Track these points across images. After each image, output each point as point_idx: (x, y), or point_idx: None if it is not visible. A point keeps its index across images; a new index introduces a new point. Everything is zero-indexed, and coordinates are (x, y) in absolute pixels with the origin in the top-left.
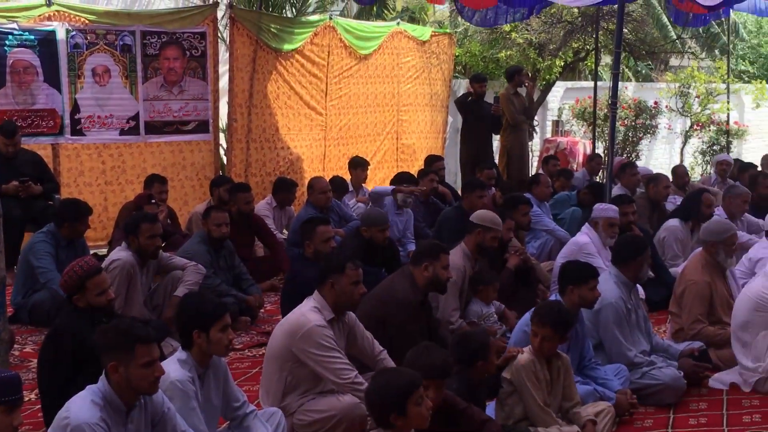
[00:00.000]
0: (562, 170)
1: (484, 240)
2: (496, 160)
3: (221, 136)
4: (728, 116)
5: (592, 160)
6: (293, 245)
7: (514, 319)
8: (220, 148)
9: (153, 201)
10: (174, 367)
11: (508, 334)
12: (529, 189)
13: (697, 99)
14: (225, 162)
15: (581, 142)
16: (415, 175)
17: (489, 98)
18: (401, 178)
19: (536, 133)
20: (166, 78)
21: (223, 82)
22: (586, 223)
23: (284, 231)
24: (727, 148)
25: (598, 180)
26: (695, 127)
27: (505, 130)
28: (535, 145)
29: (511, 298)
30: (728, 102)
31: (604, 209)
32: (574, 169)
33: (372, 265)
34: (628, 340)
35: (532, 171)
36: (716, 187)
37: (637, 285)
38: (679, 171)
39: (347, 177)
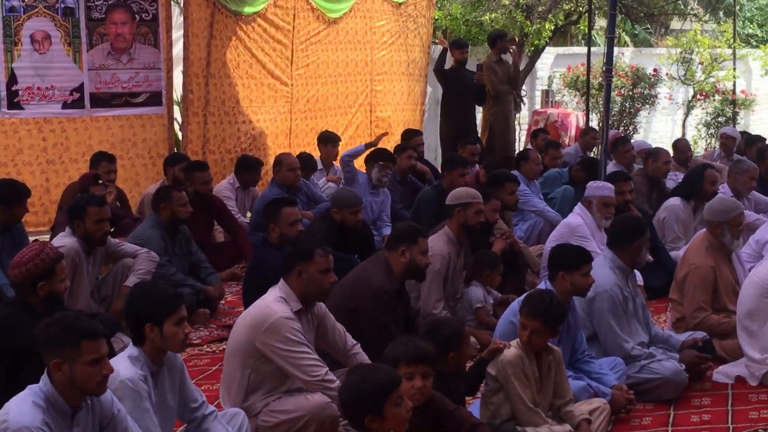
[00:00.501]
0: (550, 142)
1: (467, 219)
2: (480, 134)
3: (176, 109)
4: (734, 85)
5: (585, 134)
6: (256, 229)
7: None
8: (175, 123)
9: (100, 182)
10: (124, 364)
11: None
12: (517, 166)
13: (700, 66)
14: (180, 138)
15: (573, 114)
16: (391, 152)
17: (472, 66)
18: (376, 155)
19: (524, 104)
20: (114, 45)
21: (177, 50)
22: (579, 203)
23: (247, 214)
24: (733, 119)
25: (592, 156)
26: (698, 96)
27: (487, 101)
28: (523, 117)
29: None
30: (734, 69)
31: (599, 187)
32: (566, 143)
33: (343, 251)
34: (624, 330)
35: (520, 146)
36: (721, 163)
37: (635, 270)
38: (681, 145)
39: (315, 154)
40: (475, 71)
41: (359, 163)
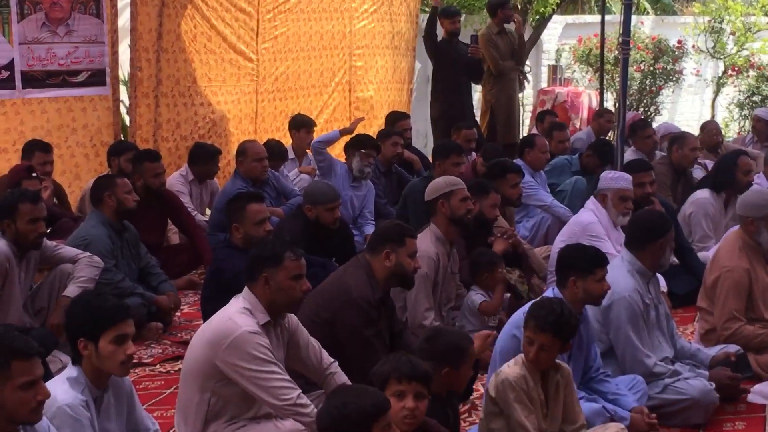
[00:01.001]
0: (554, 124)
1: (452, 210)
2: (478, 118)
3: (122, 89)
4: None
5: (599, 116)
6: (217, 229)
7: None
8: (121, 106)
9: (34, 175)
10: (62, 388)
11: None
12: (520, 154)
13: (731, 36)
14: (127, 123)
15: (585, 93)
16: (375, 138)
17: (467, 38)
18: (357, 142)
19: (528, 82)
20: (49, 15)
21: (124, 20)
22: (591, 197)
23: (206, 212)
24: None
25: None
26: (730, 72)
27: (487, 79)
28: (527, 97)
29: None
30: None
31: (614, 178)
32: (577, 127)
33: (319, 254)
34: (645, 344)
35: (524, 131)
36: (754, 149)
37: (657, 275)
38: (710, 128)
39: (286, 141)
40: (470, 43)
41: (337, 152)
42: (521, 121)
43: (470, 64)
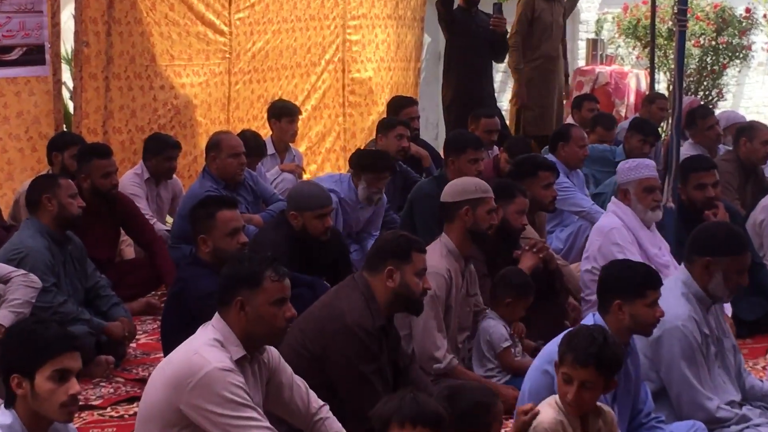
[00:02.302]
0: (600, 115)
1: (477, 222)
2: (504, 104)
3: (64, 69)
4: None
5: (650, 102)
6: (181, 240)
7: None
8: (64, 89)
9: None
10: None
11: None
12: (553, 149)
13: None
14: (71, 110)
15: (633, 74)
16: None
17: (488, 7)
18: (362, 163)
19: (563, 60)
20: None
21: None
22: (612, 198)
23: (167, 218)
24: None
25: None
26: None
27: (523, 55)
28: None
29: (525, 318)
30: None
31: (633, 168)
32: (623, 115)
33: (305, 271)
34: (705, 383)
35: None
36: None
37: None
38: None
39: (264, 133)
40: (492, 13)
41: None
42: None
43: (492, 39)
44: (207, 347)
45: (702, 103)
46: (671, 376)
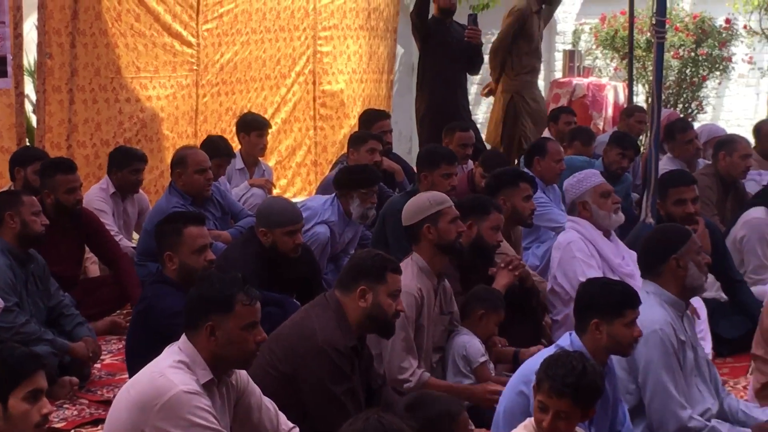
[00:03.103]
0: (578, 129)
1: (441, 235)
2: (479, 117)
3: (27, 81)
4: None
5: (629, 115)
6: (147, 258)
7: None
8: (26, 102)
9: None
10: None
11: None
12: (528, 164)
13: None
14: (34, 124)
15: (610, 86)
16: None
17: (462, 18)
18: (352, 179)
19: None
20: None
21: None
22: (568, 217)
23: (134, 236)
24: None
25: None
26: None
27: (511, 68)
28: None
29: (501, 335)
30: None
31: (581, 180)
32: (601, 128)
33: (275, 289)
34: (680, 391)
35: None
36: None
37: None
38: (766, 130)
39: (234, 147)
40: (467, 24)
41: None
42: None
43: (467, 51)
44: (173, 369)
45: (681, 116)
46: (646, 381)
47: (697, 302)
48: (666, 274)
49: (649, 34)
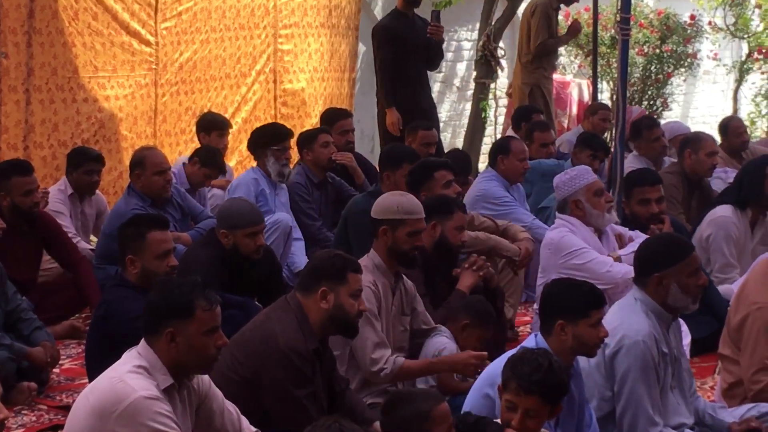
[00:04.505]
0: (535, 123)
1: (395, 242)
2: (443, 116)
3: None
4: None
5: (593, 113)
6: (106, 261)
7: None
8: None
9: None
10: None
11: None
12: (493, 162)
13: (757, 11)
14: None
15: (575, 84)
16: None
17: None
18: (263, 136)
19: (501, 70)
20: None
21: None
22: (558, 215)
23: (92, 238)
24: None
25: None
26: (756, 55)
27: (530, 62)
28: (500, 88)
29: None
30: None
31: (574, 177)
32: (566, 126)
33: (237, 292)
34: (654, 405)
35: (496, 130)
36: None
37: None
38: (732, 127)
39: (194, 145)
40: (431, 20)
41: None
42: (494, 120)
43: (429, 47)
44: (132, 375)
45: (647, 113)
46: (622, 391)
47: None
48: (650, 287)
49: (613, 30)
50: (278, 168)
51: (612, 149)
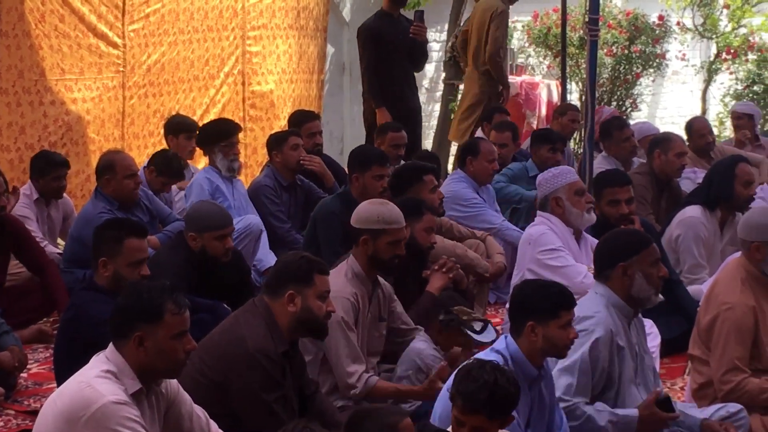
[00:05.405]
0: (501, 124)
1: (376, 252)
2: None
3: None
4: None
5: (562, 114)
6: (74, 264)
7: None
8: None
9: None
10: None
11: None
12: (461, 164)
13: (725, 11)
14: None
15: (543, 85)
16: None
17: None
18: (213, 135)
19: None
20: None
21: None
22: (538, 212)
23: (59, 242)
24: None
25: (574, 145)
26: (724, 55)
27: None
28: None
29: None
30: None
31: (557, 175)
32: (534, 127)
33: (206, 295)
34: (580, 390)
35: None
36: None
37: (640, 316)
38: (698, 127)
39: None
40: (413, 20)
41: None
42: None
43: (411, 47)
44: (100, 379)
45: (616, 114)
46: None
47: None
48: (613, 280)
49: (582, 31)
50: (227, 164)
51: (581, 150)
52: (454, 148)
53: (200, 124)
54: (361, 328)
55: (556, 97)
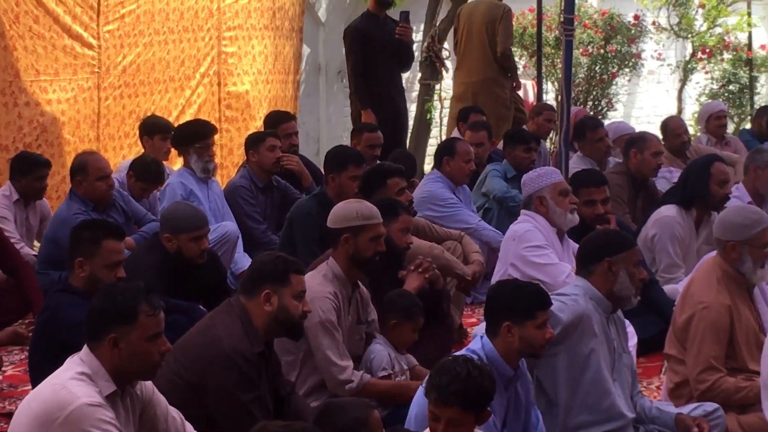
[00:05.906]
0: (475, 123)
1: (357, 249)
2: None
3: None
4: (750, 37)
5: (537, 113)
6: (50, 266)
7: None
8: None
9: None
10: None
11: None
12: (438, 164)
13: (700, 11)
14: None
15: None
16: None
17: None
18: (184, 136)
19: (446, 71)
20: None
21: None
22: (522, 211)
23: (35, 244)
24: (750, 86)
25: (550, 145)
26: (700, 55)
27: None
28: (445, 90)
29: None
30: (749, 15)
31: (542, 175)
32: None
33: (182, 296)
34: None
35: (441, 132)
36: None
37: (623, 318)
38: (673, 126)
39: (137, 150)
40: (399, 21)
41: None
42: (440, 121)
43: (398, 48)
44: (75, 381)
45: (590, 113)
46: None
47: None
48: (597, 275)
49: (557, 31)
50: (202, 165)
51: (556, 149)
52: (431, 149)
53: (176, 125)
54: (342, 329)
55: (532, 97)
